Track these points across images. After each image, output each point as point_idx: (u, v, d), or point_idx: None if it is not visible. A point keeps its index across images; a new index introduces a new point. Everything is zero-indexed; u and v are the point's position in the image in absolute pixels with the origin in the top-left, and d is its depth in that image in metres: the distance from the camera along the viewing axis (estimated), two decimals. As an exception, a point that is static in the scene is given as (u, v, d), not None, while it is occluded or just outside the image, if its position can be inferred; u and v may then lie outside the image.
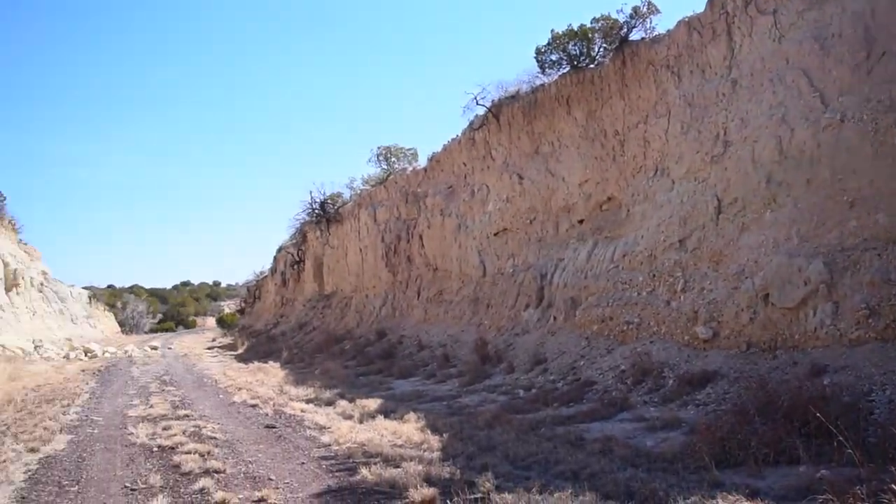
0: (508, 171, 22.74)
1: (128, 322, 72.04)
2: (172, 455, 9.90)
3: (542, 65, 20.93)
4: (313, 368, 22.08)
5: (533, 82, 21.69)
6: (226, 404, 15.34)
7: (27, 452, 10.56)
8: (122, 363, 29.17)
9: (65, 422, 13.44)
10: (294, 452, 9.96)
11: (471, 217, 25.00)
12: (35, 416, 13.88)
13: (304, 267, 45.10)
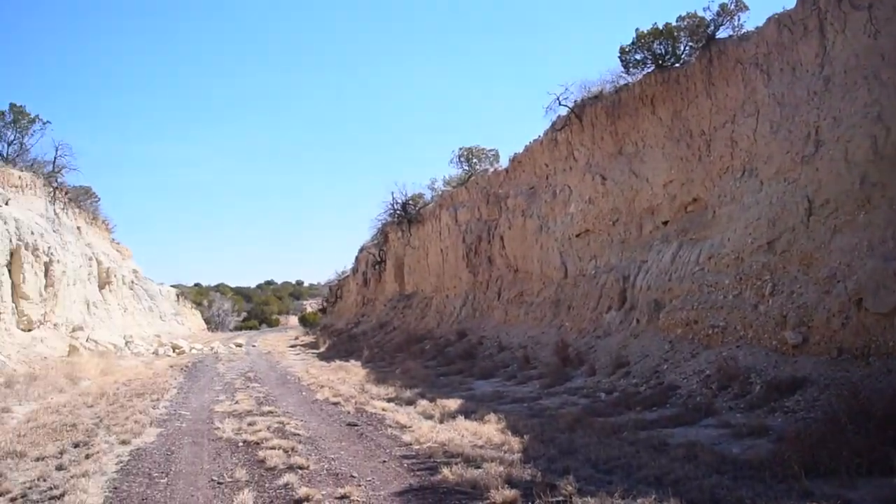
0: (591, 171, 22.57)
1: (213, 319, 73.96)
2: (257, 450, 10.17)
3: (626, 64, 20.74)
4: (394, 368, 22.31)
5: (617, 82, 21.50)
6: (308, 401, 15.64)
7: (119, 444, 11.00)
8: (209, 360, 30.00)
9: (154, 415, 13.93)
10: (376, 450, 10.10)
11: (552, 218, 24.89)
12: (126, 409, 14.42)
13: (385, 267, 45.58)
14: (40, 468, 9.33)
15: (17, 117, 38.75)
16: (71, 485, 8.23)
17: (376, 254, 47.32)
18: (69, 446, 10.75)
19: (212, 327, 69.78)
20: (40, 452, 10.26)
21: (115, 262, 46.93)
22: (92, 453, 10.12)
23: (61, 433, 11.72)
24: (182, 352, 35.71)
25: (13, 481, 8.69)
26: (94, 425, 12.53)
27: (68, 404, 15.56)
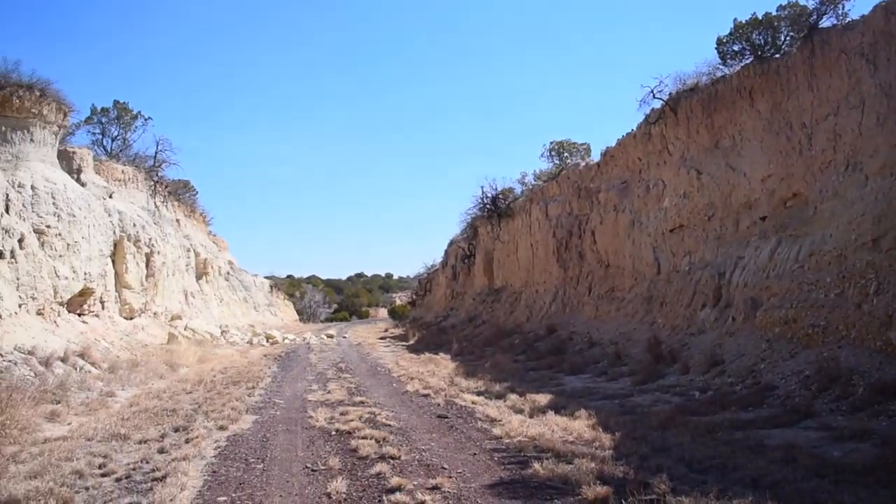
0: (686, 165, 22.16)
1: (305, 311, 75.42)
2: (349, 439, 10.36)
3: (723, 56, 20.28)
4: (483, 361, 22.37)
5: (713, 74, 21.02)
6: (399, 393, 15.83)
7: (217, 430, 11.37)
8: (301, 350, 30.63)
9: (250, 403, 14.33)
10: (466, 443, 10.17)
11: (645, 213, 24.54)
12: (223, 396, 14.88)
13: (474, 261, 45.68)
14: (143, 451, 9.74)
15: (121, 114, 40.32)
16: (172, 467, 8.56)
17: (465, 248, 47.46)
18: (170, 430, 11.18)
19: (303, 318, 71.16)
20: (143, 436, 10.70)
21: (212, 254, 48.36)
22: (191, 438, 10.50)
23: (162, 418, 12.19)
24: (275, 342, 36.55)
25: (118, 462, 9.09)
26: (193, 411, 12.98)
27: (168, 390, 16.15)
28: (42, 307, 21.91)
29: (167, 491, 7.58)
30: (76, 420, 12.48)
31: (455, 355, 25.33)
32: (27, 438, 10.34)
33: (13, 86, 25.12)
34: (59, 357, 18.23)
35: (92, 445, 10.08)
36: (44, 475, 8.15)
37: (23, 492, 7.37)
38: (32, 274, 21.50)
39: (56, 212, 24.49)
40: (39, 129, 26.10)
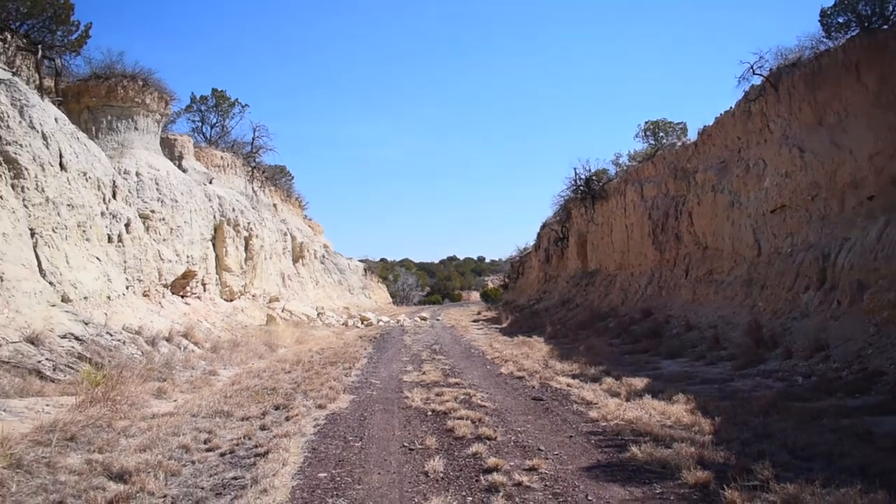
0: (788, 143, 21.44)
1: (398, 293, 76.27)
2: (445, 420, 10.45)
3: (827, 28, 19.47)
4: (577, 344, 22.22)
5: (817, 48, 20.21)
6: (493, 375, 15.87)
7: (315, 408, 11.62)
8: (395, 332, 31.00)
9: (347, 383, 14.59)
10: (562, 426, 10.13)
11: (745, 193, 23.87)
12: (321, 376, 15.19)
13: (567, 244, 45.32)
14: (245, 427, 10.04)
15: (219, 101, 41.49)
16: (274, 444, 8.81)
17: (559, 230, 47.11)
18: (271, 408, 11.50)
19: (397, 301, 72.03)
20: (245, 413, 11.03)
21: (307, 238, 49.35)
22: (292, 416, 10.77)
23: (263, 396, 12.54)
24: (370, 323, 37.13)
25: (222, 438, 9.41)
26: (293, 390, 13.31)
27: (268, 369, 16.59)
28: (147, 289, 22.78)
29: (269, 466, 7.81)
30: (181, 397, 12.94)
31: (549, 338, 25.22)
32: (136, 414, 10.78)
33: (118, 76, 26.11)
34: (165, 337, 18.94)
35: (197, 421, 10.45)
36: (153, 449, 8.49)
37: (134, 464, 7.70)
38: (138, 257, 22.36)
39: (160, 197, 25.38)
40: (143, 118, 27.05)
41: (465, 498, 6.89)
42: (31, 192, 17.52)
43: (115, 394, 11.04)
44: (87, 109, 25.75)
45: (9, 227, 16.09)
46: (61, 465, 7.71)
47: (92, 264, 19.26)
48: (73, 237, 18.83)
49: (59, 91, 23.29)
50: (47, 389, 11.84)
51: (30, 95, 19.19)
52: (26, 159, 17.60)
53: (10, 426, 8.92)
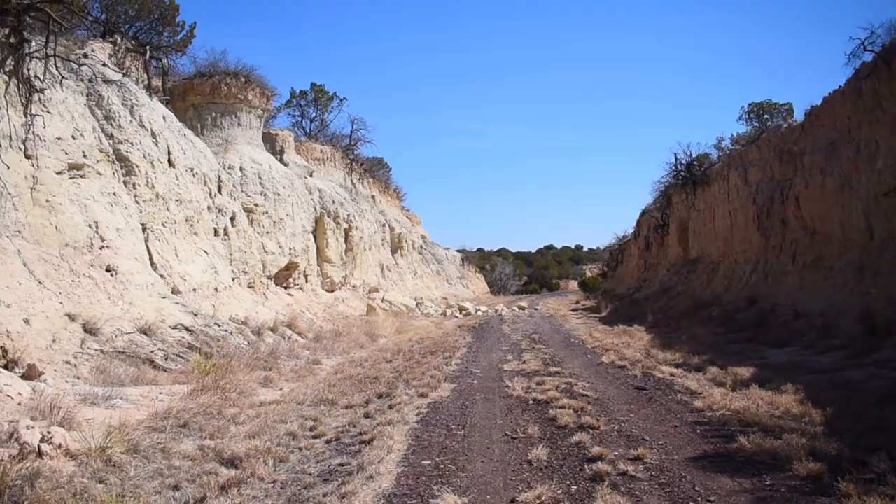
0: (902, 122, 20.47)
1: (496, 283, 76.24)
2: (547, 409, 10.37)
3: (946, -1, 18.53)
4: (679, 333, 21.76)
5: (933, 20, 19.27)
6: (594, 364, 15.70)
7: (418, 397, 11.71)
8: (494, 321, 31.00)
9: (447, 372, 14.65)
10: (666, 415, 9.94)
11: (856, 176, 22.90)
12: (421, 365, 15.30)
13: (668, 231, 44.42)
14: (350, 415, 10.20)
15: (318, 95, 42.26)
16: (378, 431, 8.92)
17: (658, 217, 46.19)
18: (373, 397, 11.64)
19: (494, 291, 72.01)
20: (348, 401, 11.20)
21: (405, 228, 49.83)
22: (394, 404, 10.88)
23: (365, 385, 12.71)
24: (468, 313, 37.23)
25: (327, 425, 9.57)
26: (394, 379, 13.44)
27: (369, 359, 16.82)
28: (252, 281, 23.40)
29: (374, 453, 7.91)
30: (287, 385, 13.24)
31: (650, 327, 24.80)
32: (245, 402, 11.07)
33: (221, 74, 26.87)
34: (269, 327, 19.43)
35: (303, 409, 10.67)
36: (261, 435, 8.71)
37: (244, 450, 7.91)
38: (243, 250, 22.99)
39: (263, 191, 26.03)
40: (245, 114, 27.77)
41: (570, 487, 6.82)
42: (142, 189, 18.21)
43: (224, 382, 11.39)
44: (193, 107, 26.61)
45: (122, 223, 16.77)
46: (175, 450, 7.99)
47: (200, 257, 19.91)
48: (182, 231, 19.49)
49: (166, 90, 24.14)
50: (160, 378, 12.29)
51: (139, 95, 19.93)
52: (137, 157, 18.30)
53: (127, 413, 9.30)
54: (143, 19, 23.51)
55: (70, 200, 15.37)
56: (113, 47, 21.48)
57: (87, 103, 17.85)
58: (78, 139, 16.36)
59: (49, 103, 15.74)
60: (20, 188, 14.06)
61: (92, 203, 16.02)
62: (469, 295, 57.49)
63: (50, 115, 15.63)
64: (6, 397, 9.25)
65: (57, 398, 9.01)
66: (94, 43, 20.64)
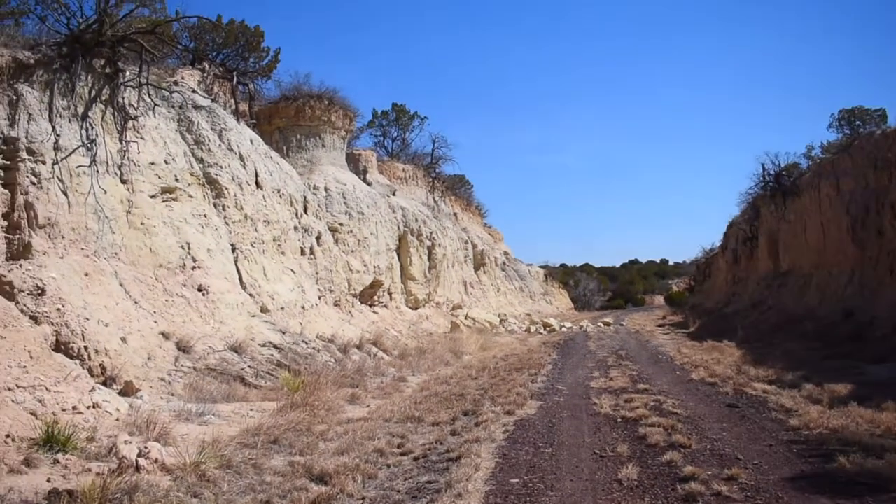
0: None
1: (580, 299, 75.48)
2: (636, 427, 10.17)
3: None
4: (771, 349, 21.13)
5: None
6: (683, 381, 15.36)
7: (504, 414, 11.63)
8: (579, 337, 30.69)
9: (533, 389, 14.53)
10: (760, 433, 9.64)
11: (957, 182, 22.00)
12: (507, 382, 15.22)
13: (756, 243, 43.31)
14: (436, 433, 10.20)
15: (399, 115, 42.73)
16: (465, 449, 8.88)
17: (747, 229, 45.07)
18: (460, 414, 11.62)
19: (578, 306, 71.31)
20: (435, 418, 11.21)
21: (488, 245, 49.85)
22: (481, 421, 10.83)
23: (451, 402, 12.70)
24: (552, 329, 36.92)
25: (414, 443, 9.60)
26: (480, 396, 13.40)
27: (454, 376, 16.81)
28: (338, 299, 23.71)
29: (462, 471, 7.87)
30: (373, 402, 13.33)
31: (740, 343, 24.16)
32: (333, 418, 11.19)
33: (305, 97, 27.43)
34: (355, 344, 19.64)
35: (390, 426, 10.73)
36: (350, 452, 8.78)
37: (333, 467, 7.98)
38: (329, 268, 23.34)
39: (347, 210, 26.41)
40: (329, 135, 28.27)
41: (662, 507, 6.68)
42: (231, 210, 18.68)
43: (312, 399, 11.54)
44: (278, 130, 27.21)
45: (212, 243, 17.22)
46: (266, 466, 8.12)
47: (287, 276, 20.28)
48: (270, 251, 19.90)
49: (252, 114, 24.77)
50: (250, 395, 12.53)
51: (227, 119, 20.51)
52: (226, 179, 18.79)
53: (220, 429, 9.50)
54: (230, 46, 24.21)
55: (163, 223, 15.87)
56: (202, 74, 22.16)
57: (178, 129, 18.45)
58: (170, 163, 16.91)
59: (142, 130, 16.32)
60: (116, 212, 14.58)
61: (184, 225, 16.50)
62: (553, 311, 57.07)
63: (143, 140, 16.20)
64: (105, 413, 9.55)
65: (153, 414, 9.29)
66: (184, 70, 21.33)
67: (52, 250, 12.64)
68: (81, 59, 14.52)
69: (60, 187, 13.28)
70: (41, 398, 8.97)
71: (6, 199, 12.36)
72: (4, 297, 11.10)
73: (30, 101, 13.25)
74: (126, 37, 15.56)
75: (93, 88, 15.04)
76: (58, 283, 11.98)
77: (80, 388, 9.80)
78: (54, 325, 11.29)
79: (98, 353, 11.46)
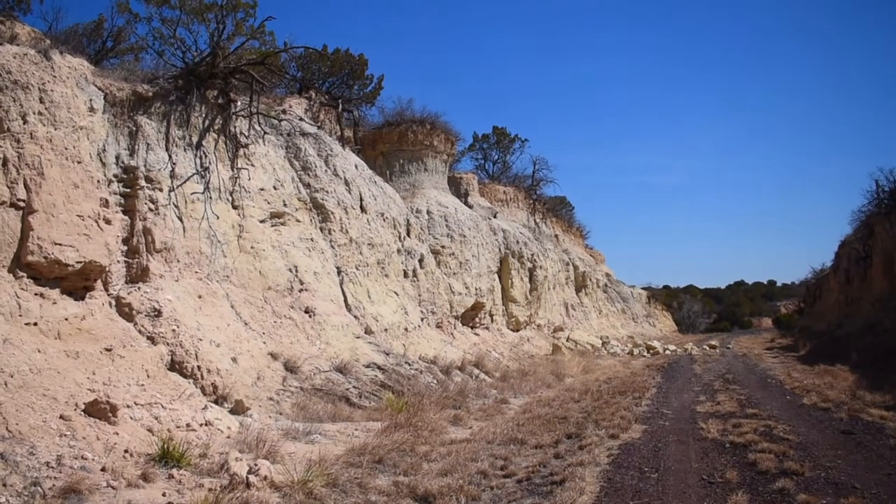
0: None
1: (684, 321, 73.72)
2: (746, 452, 9.79)
3: None
4: (889, 373, 20.04)
5: None
6: (794, 406, 14.75)
7: (608, 438, 11.38)
8: (683, 360, 29.92)
9: (637, 413, 14.19)
10: (878, 461, 9.14)
11: None
12: (610, 406, 14.93)
13: (871, 263, 41.46)
14: (539, 456, 10.06)
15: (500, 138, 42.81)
16: (569, 472, 8.72)
17: (860, 248, 43.19)
18: (563, 437, 11.44)
19: (682, 329, 69.65)
20: (538, 441, 11.07)
21: (589, 267, 49.27)
22: (584, 445, 10.64)
23: (554, 425, 12.52)
24: (656, 352, 36.15)
25: (517, 465, 9.49)
26: (583, 419, 13.18)
27: (557, 398, 16.60)
28: (440, 321, 23.81)
29: (566, 494, 7.73)
30: (476, 424, 13.26)
31: (854, 367, 23.08)
32: (436, 439, 11.18)
33: (408, 122, 27.83)
34: (457, 366, 19.64)
35: (492, 448, 10.64)
36: (453, 473, 8.74)
37: (437, 487, 7.96)
38: (431, 290, 23.49)
39: (449, 233, 26.56)
40: (431, 159, 28.56)
41: (776, 536, 6.40)
42: (337, 234, 19.04)
43: (416, 420, 11.58)
44: (382, 155, 27.66)
45: (319, 266, 17.58)
46: (371, 485, 8.16)
47: (390, 298, 20.50)
48: (374, 273, 20.17)
49: (357, 140, 25.24)
50: (355, 415, 12.66)
51: (333, 146, 20.98)
52: (332, 204, 19.19)
53: (326, 448, 9.62)
54: (336, 75, 24.77)
55: (272, 246, 16.29)
56: (308, 102, 22.72)
57: (286, 155, 18.98)
58: (279, 189, 17.38)
59: (253, 157, 16.86)
60: (228, 236, 15.05)
61: (291, 248, 16.90)
62: (656, 333, 55.91)
63: (253, 167, 16.72)
64: (217, 430, 9.81)
65: (262, 432, 9.47)
66: (292, 99, 21.93)
67: (168, 273, 13.13)
68: (196, 91, 15.16)
69: (176, 213, 13.83)
70: (157, 415, 9.28)
71: (126, 226, 12.92)
72: (124, 318, 11.58)
73: (148, 131, 13.88)
74: (238, 68, 16.16)
75: (206, 118, 15.65)
76: (173, 305, 12.43)
77: (193, 405, 10.11)
78: (170, 346, 11.70)
79: (210, 373, 11.80)
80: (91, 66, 13.87)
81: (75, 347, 9.82)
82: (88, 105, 12.59)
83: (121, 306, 11.87)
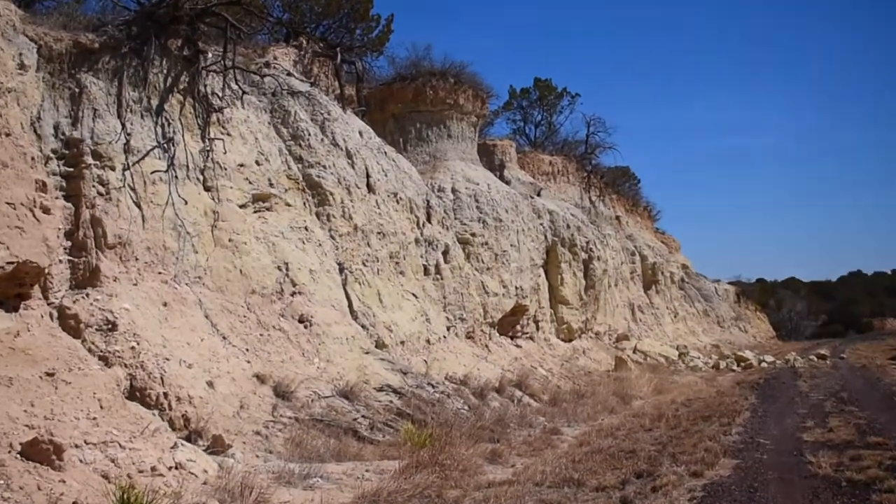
0: None
1: (784, 324, 73.33)
2: (868, 493, 9.69)
3: None
4: None
5: None
6: (931, 432, 14.65)
7: (689, 476, 11.30)
8: (784, 375, 29.72)
9: (726, 443, 14.10)
10: None
11: None
12: (692, 435, 14.84)
13: None
14: (602, 499, 10.01)
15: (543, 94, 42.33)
16: (641, 522, 8.69)
17: None
18: (631, 476, 11.36)
19: (782, 334, 69.27)
20: (599, 481, 11.00)
21: (661, 257, 48.99)
22: (659, 485, 10.56)
23: (620, 460, 12.46)
24: (749, 365, 35.93)
25: (574, 514, 9.46)
26: (657, 452, 13.10)
27: (622, 426, 16.54)
28: (471, 329, 23.74)
29: (638, 553, 7.69)
30: (519, 461, 13.23)
31: None
32: (469, 482, 11.14)
33: (426, 75, 27.52)
34: (494, 387, 19.59)
35: (542, 492, 10.59)
36: (492, 525, 8.72)
37: (471, 545, 7.94)
38: (459, 291, 23.40)
39: (480, 217, 26.40)
40: (456, 122, 28.32)
41: None
42: (337, 221, 18.98)
43: (443, 457, 11.53)
44: (393, 118, 27.50)
45: (315, 263, 17.53)
46: (389, 542, 8.14)
47: (408, 302, 20.46)
48: (386, 271, 20.12)
49: (361, 99, 25.14)
50: (365, 452, 12.66)
51: (330, 108, 20.86)
52: (331, 182, 19.11)
53: (329, 495, 9.61)
54: (332, 16, 24.64)
55: (256, 238, 16.27)
56: (298, 52, 22.66)
57: (271, 121, 18.90)
58: (262, 165, 17.33)
59: (228, 124, 16.81)
60: (199, 226, 15.03)
61: (280, 241, 16.87)
62: (748, 341, 55.64)
63: (230, 137, 16.67)
64: (190, 475, 9.81)
65: (248, 476, 9.47)
66: (277, 49, 21.86)
67: (125, 275, 13.13)
68: (154, 41, 15.06)
69: (133, 198, 13.79)
70: (114, 457, 9.28)
71: (69, 215, 12.84)
72: (70, 333, 11.57)
73: (95, 93, 13.83)
74: (207, 9, 16.03)
75: (169, 76, 15.62)
76: (131, 316, 12.43)
77: (159, 444, 10.11)
78: (128, 368, 11.71)
79: (180, 402, 11.81)
80: (19, 10, 13.72)
81: (8, 372, 9.82)
82: (18, 61, 12.50)
83: (65, 318, 11.89)
